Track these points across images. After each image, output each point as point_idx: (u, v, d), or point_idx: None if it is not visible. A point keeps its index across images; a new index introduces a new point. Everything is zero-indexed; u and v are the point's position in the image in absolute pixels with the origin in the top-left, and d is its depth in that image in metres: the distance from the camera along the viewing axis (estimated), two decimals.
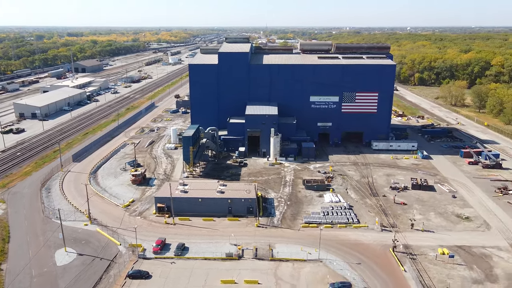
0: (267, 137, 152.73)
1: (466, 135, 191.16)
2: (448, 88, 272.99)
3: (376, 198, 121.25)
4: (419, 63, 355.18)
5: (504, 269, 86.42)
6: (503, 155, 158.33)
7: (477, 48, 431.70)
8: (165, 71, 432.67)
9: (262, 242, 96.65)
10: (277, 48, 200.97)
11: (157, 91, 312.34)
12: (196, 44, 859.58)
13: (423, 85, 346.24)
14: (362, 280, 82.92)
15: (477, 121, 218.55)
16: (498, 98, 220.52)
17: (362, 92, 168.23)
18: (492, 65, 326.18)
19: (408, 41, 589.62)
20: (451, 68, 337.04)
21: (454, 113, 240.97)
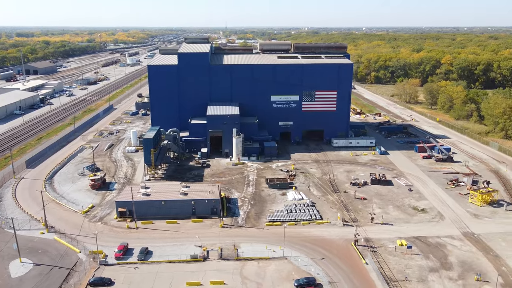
0: (229, 137, 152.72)
1: (420, 130, 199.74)
2: (402, 86, 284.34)
3: (337, 194, 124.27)
4: (375, 62, 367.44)
5: (457, 257, 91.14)
6: (454, 149, 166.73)
7: (428, 47, 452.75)
8: (123, 73, 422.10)
9: (227, 242, 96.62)
10: (237, 48, 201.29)
11: (116, 93, 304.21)
12: (154, 45, 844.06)
13: (379, 84, 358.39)
14: (326, 275, 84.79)
15: (430, 117, 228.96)
16: (448, 95, 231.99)
17: (321, 91, 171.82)
18: (442, 63, 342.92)
19: (364, 41, 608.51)
20: (404, 66, 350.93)
21: (409, 109, 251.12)
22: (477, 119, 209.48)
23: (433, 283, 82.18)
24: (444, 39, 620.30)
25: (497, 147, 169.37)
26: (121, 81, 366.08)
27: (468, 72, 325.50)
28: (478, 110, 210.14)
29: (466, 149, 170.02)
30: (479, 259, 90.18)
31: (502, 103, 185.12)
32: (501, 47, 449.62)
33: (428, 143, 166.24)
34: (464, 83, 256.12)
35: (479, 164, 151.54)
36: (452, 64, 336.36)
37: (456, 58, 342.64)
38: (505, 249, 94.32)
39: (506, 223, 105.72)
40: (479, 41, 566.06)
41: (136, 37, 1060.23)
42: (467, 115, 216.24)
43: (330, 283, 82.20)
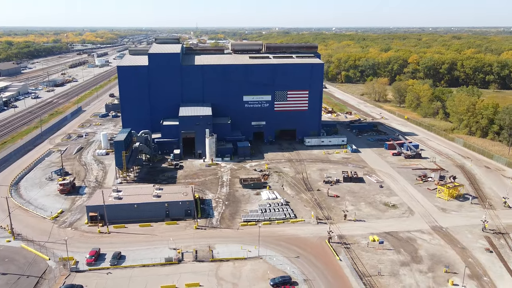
0: (202, 138, 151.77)
1: (389, 128, 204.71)
2: (372, 85, 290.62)
3: (311, 193, 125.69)
4: (345, 61, 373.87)
5: (427, 250, 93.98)
6: (421, 146, 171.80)
7: (395, 47, 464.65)
8: (91, 74, 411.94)
9: (202, 243, 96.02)
10: (209, 49, 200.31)
11: (84, 95, 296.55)
12: (124, 45, 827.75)
13: (349, 83, 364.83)
14: (301, 273, 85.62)
15: (398, 115, 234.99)
16: (415, 93, 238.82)
17: (293, 90, 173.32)
18: (409, 63, 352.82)
19: (334, 41, 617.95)
20: (373, 66, 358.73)
21: (378, 108, 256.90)
22: (443, 116, 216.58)
23: (405, 276, 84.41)
24: (410, 39, 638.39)
25: (462, 143, 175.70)
26: (90, 83, 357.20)
27: (434, 71, 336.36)
28: (443, 108, 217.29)
29: (433, 145, 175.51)
30: (447, 252, 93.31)
31: (465, 101, 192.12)
32: (464, 46, 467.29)
33: (397, 141, 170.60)
34: (430, 82, 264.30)
35: (446, 160, 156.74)
36: (418, 63, 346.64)
37: (422, 58, 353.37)
38: (471, 241, 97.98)
39: (472, 216, 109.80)
40: (443, 41, 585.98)
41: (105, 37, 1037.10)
42: (434, 112, 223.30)
43: (305, 280, 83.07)
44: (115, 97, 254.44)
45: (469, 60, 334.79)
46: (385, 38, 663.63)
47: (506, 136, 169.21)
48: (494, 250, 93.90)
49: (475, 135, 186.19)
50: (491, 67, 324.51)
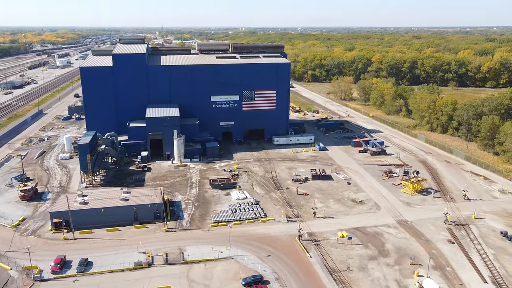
0: (170, 140, 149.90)
1: (355, 126, 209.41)
2: (338, 83, 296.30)
3: (280, 191, 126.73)
4: (311, 61, 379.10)
5: (393, 244, 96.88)
6: (386, 143, 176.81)
7: (359, 46, 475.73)
8: (52, 75, 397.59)
9: (172, 246, 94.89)
10: (175, 49, 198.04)
11: (45, 97, 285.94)
12: (86, 46, 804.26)
13: (316, 82, 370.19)
14: (273, 271, 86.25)
15: (364, 113, 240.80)
16: (379, 92, 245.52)
17: (261, 90, 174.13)
18: (373, 62, 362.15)
19: (300, 40, 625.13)
20: (339, 65, 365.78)
21: (344, 106, 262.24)
22: (406, 113, 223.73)
23: (373, 270, 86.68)
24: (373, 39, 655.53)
25: (424, 139, 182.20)
26: (51, 84, 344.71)
27: (396, 70, 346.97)
28: (406, 105, 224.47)
29: (397, 142, 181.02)
30: (413, 244, 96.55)
31: (426, 98, 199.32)
32: (424, 46, 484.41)
33: (363, 138, 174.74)
34: (393, 80, 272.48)
35: (409, 155, 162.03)
36: (381, 62, 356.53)
37: (385, 57, 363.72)
38: (435, 233, 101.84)
39: (434, 209, 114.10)
40: (404, 40, 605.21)
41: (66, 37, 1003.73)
42: (397, 110, 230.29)
43: (277, 279, 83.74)
44: (80, 97, 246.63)
45: (429, 59, 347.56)
46: (349, 38, 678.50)
47: (464, 131, 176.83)
48: (456, 241, 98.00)
49: (436, 131, 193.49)
50: (449, 66, 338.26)
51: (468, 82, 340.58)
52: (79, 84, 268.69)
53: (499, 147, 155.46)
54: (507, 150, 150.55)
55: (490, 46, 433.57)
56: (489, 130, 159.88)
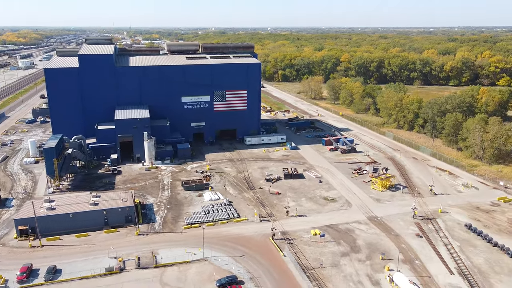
0: (141, 142, 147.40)
1: (326, 125, 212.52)
2: (308, 83, 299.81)
3: (253, 191, 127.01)
4: (281, 61, 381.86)
5: (364, 240, 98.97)
6: (356, 141, 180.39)
7: (328, 46, 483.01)
8: (15, 77, 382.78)
9: (145, 250, 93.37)
10: (144, 49, 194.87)
11: (7, 100, 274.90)
12: (51, 46, 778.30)
13: (286, 81, 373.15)
14: (247, 271, 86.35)
15: (334, 112, 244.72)
16: (348, 91, 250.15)
17: (231, 90, 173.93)
18: (342, 61, 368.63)
19: (270, 40, 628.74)
20: (308, 65, 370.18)
21: (315, 105, 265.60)
22: (374, 112, 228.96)
23: (345, 266, 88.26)
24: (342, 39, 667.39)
25: (392, 137, 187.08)
26: (13, 86, 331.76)
27: (364, 69, 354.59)
28: (374, 104, 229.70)
29: (366, 139, 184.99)
30: (383, 240, 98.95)
31: (393, 97, 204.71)
32: (390, 46, 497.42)
33: (333, 136, 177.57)
34: (361, 79, 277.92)
35: (378, 153, 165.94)
36: (350, 62, 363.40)
37: (353, 56, 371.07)
38: (403, 228, 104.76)
39: (403, 205, 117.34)
40: (371, 40, 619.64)
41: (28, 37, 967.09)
42: (366, 108, 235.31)
43: (251, 279, 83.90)
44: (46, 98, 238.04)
45: (395, 58, 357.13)
46: (318, 38, 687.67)
47: (429, 128, 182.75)
48: (424, 235, 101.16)
49: (403, 128, 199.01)
50: (415, 65, 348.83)
51: (432, 80, 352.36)
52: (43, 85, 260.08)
53: (462, 143, 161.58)
54: (469, 146, 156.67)
55: (452, 46, 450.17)
56: (452, 127, 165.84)
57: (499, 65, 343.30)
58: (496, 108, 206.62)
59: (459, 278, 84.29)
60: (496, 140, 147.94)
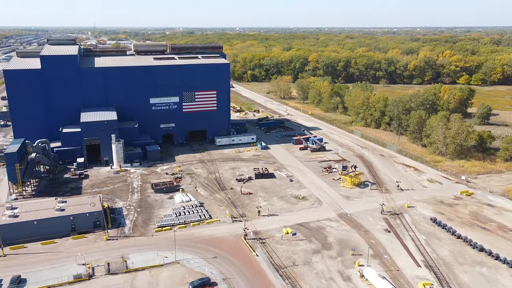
0: (108, 144, 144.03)
1: (295, 124, 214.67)
2: (277, 83, 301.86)
3: (224, 192, 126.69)
4: (250, 61, 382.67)
5: (335, 237, 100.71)
6: (325, 139, 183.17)
7: (296, 46, 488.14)
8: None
9: (114, 255, 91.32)
10: (109, 50, 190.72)
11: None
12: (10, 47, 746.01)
13: (255, 81, 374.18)
14: (220, 272, 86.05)
15: (303, 111, 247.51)
16: (317, 90, 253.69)
17: (201, 91, 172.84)
18: (310, 61, 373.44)
19: (238, 40, 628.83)
20: (277, 64, 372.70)
21: (284, 105, 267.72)
22: (342, 110, 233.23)
23: (317, 263, 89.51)
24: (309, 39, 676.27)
25: (360, 135, 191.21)
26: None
27: (332, 68, 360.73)
28: (342, 103, 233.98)
29: (335, 138, 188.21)
30: (353, 236, 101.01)
31: (360, 95, 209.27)
32: (356, 45, 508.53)
33: (303, 135, 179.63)
34: (329, 79, 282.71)
35: (347, 150, 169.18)
36: (318, 62, 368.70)
37: (321, 56, 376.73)
38: (372, 223, 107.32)
39: (372, 201, 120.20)
40: (338, 40, 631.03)
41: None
42: (334, 107, 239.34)
43: (224, 280, 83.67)
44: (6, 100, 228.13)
45: (361, 58, 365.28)
46: (286, 38, 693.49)
47: (395, 126, 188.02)
48: (392, 230, 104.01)
49: (370, 126, 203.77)
50: (380, 64, 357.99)
51: (397, 79, 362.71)
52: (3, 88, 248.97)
53: (426, 140, 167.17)
54: (433, 142, 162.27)
55: (415, 46, 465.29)
56: (417, 124, 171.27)
57: (459, 64, 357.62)
58: (457, 105, 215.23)
59: (425, 270, 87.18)
60: (457, 136, 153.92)
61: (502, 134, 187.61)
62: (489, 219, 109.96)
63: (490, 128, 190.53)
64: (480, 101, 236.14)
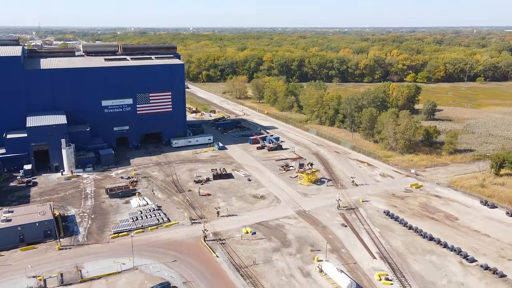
0: (58, 149, 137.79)
1: (252, 123, 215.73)
2: (232, 83, 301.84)
3: (182, 194, 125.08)
4: (205, 61, 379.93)
5: (294, 234, 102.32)
6: (282, 138, 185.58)
7: (251, 46, 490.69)
8: None
9: (68, 265, 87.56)
10: (57, 51, 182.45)
11: None
12: None
13: (211, 82, 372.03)
14: (180, 276, 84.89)
15: (259, 111, 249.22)
16: (272, 89, 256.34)
17: (155, 92, 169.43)
18: (264, 61, 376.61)
19: (192, 41, 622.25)
20: (232, 64, 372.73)
21: (240, 105, 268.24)
22: (297, 109, 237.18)
23: (277, 261, 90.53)
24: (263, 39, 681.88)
25: (315, 132, 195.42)
26: None
27: (286, 68, 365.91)
28: (297, 101, 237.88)
29: (291, 136, 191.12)
30: (311, 232, 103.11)
31: (315, 94, 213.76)
32: (309, 45, 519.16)
33: (260, 135, 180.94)
34: (284, 78, 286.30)
35: (303, 148, 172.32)
36: (272, 61, 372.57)
37: (275, 56, 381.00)
38: (330, 219, 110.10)
39: (328, 197, 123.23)
40: (291, 40, 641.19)
41: None
42: (289, 106, 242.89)
43: (184, 283, 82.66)
44: None
45: (315, 57, 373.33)
46: (240, 38, 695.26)
47: (349, 123, 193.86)
48: (348, 224, 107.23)
49: (325, 124, 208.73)
50: (332, 63, 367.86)
51: (349, 78, 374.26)
52: None
53: (378, 136, 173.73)
54: (384, 138, 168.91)
55: (365, 45, 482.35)
56: (368, 121, 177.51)
57: (406, 63, 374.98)
58: (405, 102, 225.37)
59: (380, 262, 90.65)
60: (406, 131, 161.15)
61: (446, 128, 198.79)
62: (437, 209, 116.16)
63: (436, 123, 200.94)
64: (425, 97, 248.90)
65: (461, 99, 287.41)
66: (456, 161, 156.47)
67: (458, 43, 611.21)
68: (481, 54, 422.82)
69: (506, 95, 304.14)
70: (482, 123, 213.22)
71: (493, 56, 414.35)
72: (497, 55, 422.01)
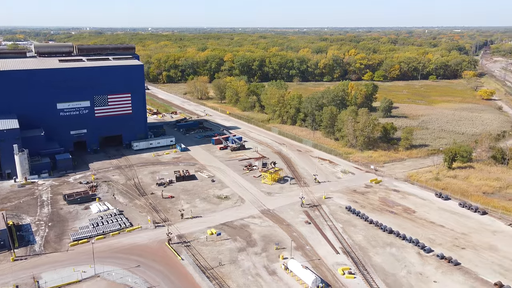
0: (10, 155, 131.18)
1: (214, 124, 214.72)
2: (193, 83, 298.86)
3: (145, 198, 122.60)
4: (165, 62, 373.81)
5: (259, 233, 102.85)
6: (244, 138, 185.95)
7: (211, 46, 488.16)
8: None
9: (24, 276, 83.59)
10: (6, 52, 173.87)
11: None
12: None
13: (171, 83, 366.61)
14: (145, 281, 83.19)
15: (221, 111, 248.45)
16: (234, 89, 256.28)
17: (114, 94, 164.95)
18: (225, 61, 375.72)
19: (152, 41, 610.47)
20: (193, 65, 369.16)
21: (202, 106, 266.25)
22: (259, 109, 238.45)
23: (243, 261, 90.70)
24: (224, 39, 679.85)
25: (277, 132, 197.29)
26: None
27: (247, 68, 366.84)
28: (259, 101, 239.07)
29: (254, 136, 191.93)
30: (276, 231, 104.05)
31: (276, 94, 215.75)
32: (270, 45, 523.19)
33: (222, 135, 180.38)
34: (245, 78, 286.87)
35: (266, 148, 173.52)
36: (233, 61, 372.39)
37: (236, 56, 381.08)
38: (293, 217, 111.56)
39: (292, 195, 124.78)
40: (252, 40, 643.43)
41: None
42: (251, 106, 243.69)
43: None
44: None
45: (275, 57, 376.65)
46: (200, 38, 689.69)
47: (310, 122, 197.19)
48: (312, 221, 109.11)
49: (287, 123, 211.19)
50: (293, 63, 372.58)
51: (309, 77, 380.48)
52: None
53: (338, 133, 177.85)
54: (344, 136, 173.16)
55: (324, 45, 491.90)
56: (329, 119, 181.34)
57: (363, 62, 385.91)
58: (363, 100, 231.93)
59: (343, 256, 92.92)
60: (365, 129, 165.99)
61: (402, 125, 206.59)
62: (396, 203, 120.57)
63: (392, 120, 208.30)
64: (382, 95, 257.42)
65: (415, 96, 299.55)
66: (412, 156, 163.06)
67: (411, 42, 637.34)
68: (433, 53, 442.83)
69: (456, 92, 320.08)
70: (435, 119, 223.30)
71: (444, 55, 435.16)
72: (447, 54, 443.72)
